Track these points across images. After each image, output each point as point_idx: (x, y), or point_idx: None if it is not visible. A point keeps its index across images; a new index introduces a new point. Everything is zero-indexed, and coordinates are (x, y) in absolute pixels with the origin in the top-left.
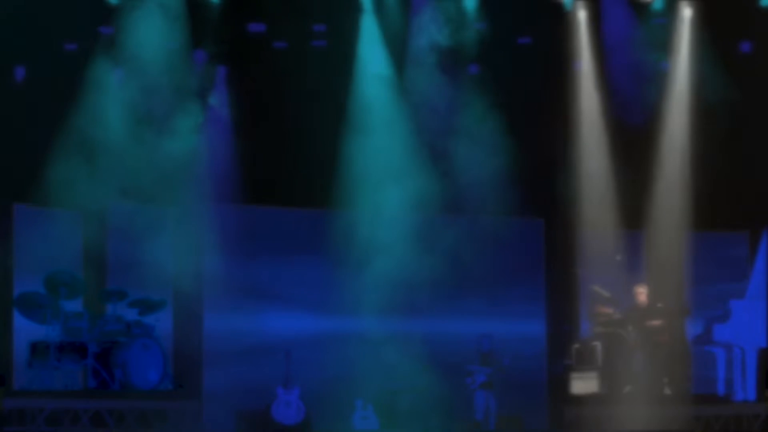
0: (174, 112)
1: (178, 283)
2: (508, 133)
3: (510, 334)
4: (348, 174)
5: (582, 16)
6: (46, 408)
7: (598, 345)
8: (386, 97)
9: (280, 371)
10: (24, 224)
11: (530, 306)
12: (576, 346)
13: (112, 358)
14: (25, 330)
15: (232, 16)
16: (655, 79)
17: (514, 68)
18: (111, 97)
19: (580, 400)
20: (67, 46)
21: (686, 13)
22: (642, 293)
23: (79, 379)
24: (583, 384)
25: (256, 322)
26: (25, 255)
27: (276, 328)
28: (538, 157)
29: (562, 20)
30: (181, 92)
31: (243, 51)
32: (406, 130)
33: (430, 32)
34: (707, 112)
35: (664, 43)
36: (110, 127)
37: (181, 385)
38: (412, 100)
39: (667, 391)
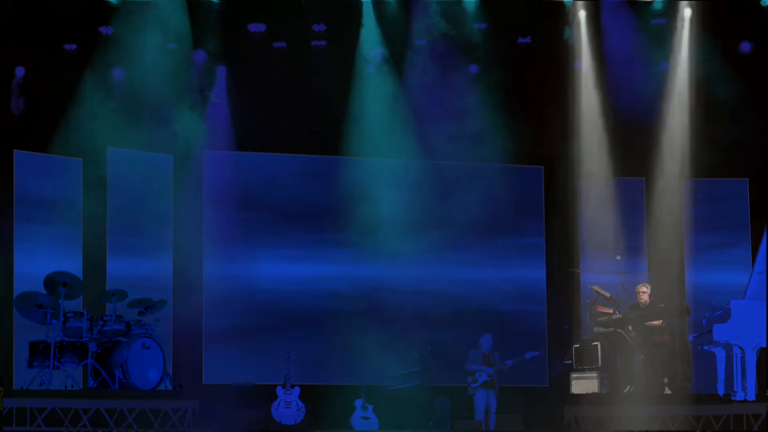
0: (173, 111)
1: (178, 230)
2: (508, 131)
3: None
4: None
5: (582, 16)
6: (46, 408)
7: (598, 345)
8: (386, 95)
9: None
10: (24, 170)
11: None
12: (576, 346)
13: (112, 358)
14: (25, 330)
15: (232, 16)
16: (655, 79)
17: (514, 68)
18: (110, 97)
19: (580, 400)
20: (67, 46)
21: (686, 13)
22: (645, 292)
23: (79, 379)
24: (583, 384)
25: (253, 270)
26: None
27: (273, 282)
28: (537, 155)
29: (562, 20)
30: (181, 92)
31: (243, 51)
32: (406, 125)
33: (430, 32)
34: (708, 112)
35: (664, 43)
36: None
37: (181, 385)
38: (412, 98)
39: (667, 391)
